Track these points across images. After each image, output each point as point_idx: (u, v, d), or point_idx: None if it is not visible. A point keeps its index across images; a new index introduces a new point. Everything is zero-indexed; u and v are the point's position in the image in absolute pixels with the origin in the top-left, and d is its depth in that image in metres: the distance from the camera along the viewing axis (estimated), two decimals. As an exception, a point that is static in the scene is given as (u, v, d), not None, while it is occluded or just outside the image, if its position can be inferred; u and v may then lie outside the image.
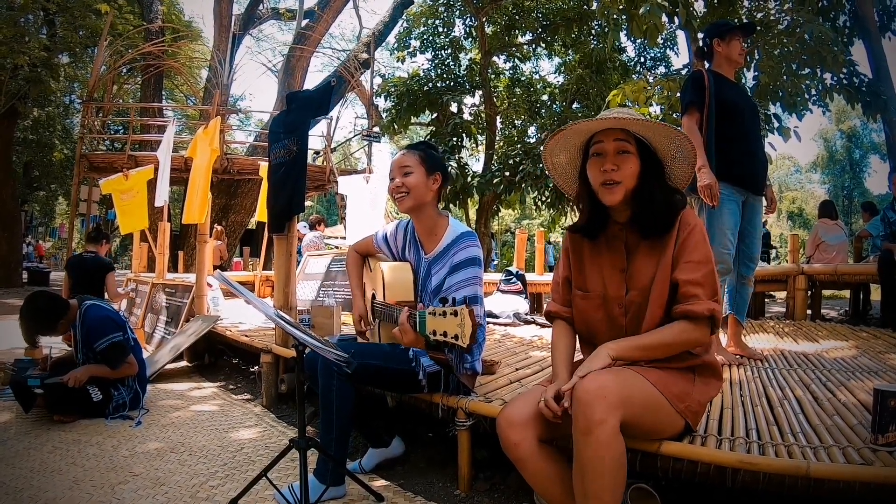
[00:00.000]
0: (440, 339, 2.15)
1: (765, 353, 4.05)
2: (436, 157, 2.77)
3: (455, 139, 15.31)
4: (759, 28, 8.70)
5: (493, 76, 16.87)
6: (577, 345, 2.22)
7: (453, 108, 16.35)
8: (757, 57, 8.76)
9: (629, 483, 1.97)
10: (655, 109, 9.49)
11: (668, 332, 1.94)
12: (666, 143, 2.01)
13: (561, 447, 1.95)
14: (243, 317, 6.10)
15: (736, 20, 8.91)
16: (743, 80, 9.69)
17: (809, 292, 6.44)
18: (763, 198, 3.99)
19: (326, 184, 15.91)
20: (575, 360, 2.18)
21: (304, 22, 19.84)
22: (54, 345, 4.28)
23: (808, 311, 6.42)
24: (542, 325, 5.79)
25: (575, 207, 2.21)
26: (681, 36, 14.56)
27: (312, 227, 11.27)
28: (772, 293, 9.27)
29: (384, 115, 16.86)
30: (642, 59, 17.44)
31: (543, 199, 14.65)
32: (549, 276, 8.07)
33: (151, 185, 8.33)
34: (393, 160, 2.78)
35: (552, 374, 2.13)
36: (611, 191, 1.98)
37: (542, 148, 2.15)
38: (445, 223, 2.77)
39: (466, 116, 16.46)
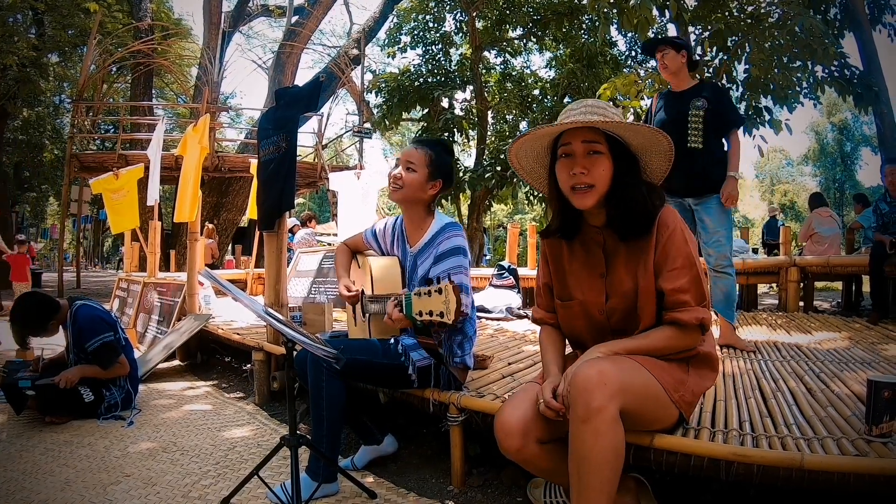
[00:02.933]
0: (427, 320, 2.14)
1: (758, 344, 4.06)
2: (444, 162, 2.74)
3: (446, 134, 15.30)
4: (750, 21, 8.72)
5: (484, 71, 16.88)
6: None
7: (444, 103, 16.36)
8: (748, 50, 8.77)
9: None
10: (646, 103, 9.49)
11: (657, 336, 1.91)
12: (638, 138, 1.92)
13: (562, 441, 1.92)
14: (235, 315, 6.07)
15: (727, 13, 8.94)
16: (734, 73, 9.72)
17: (802, 284, 6.45)
18: (713, 196, 3.98)
19: (318, 180, 15.88)
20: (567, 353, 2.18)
21: (294, 18, 19.76)
22: (45, 346, 4.25)
23: (801, 303, 6.43)
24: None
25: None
26: (671, 29, 14.56)
27: (304, 223, 11.25)
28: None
29: (375, 111, 16.85)
30: (633, 53, 17.45)
31: (535, 193, 14.65)
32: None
33: (142, 183, 8.30)
34: (404, 150, 2.77)
35: (543, 371, 2.11)
36: (582, 195, 1.89)
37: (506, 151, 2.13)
38: (432, 218, 2.77)
39: (458, 111, 16.46)
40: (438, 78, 16.24)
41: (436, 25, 16.80)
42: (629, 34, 15.59)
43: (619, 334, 1.99)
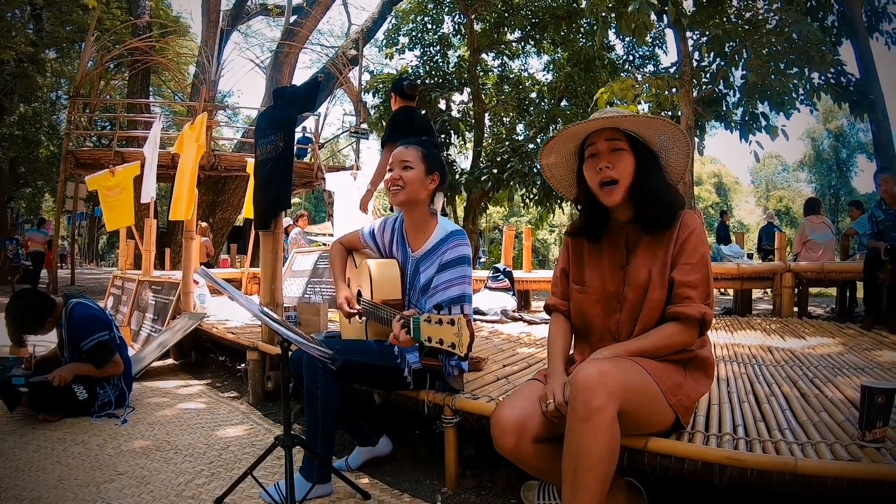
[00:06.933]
0: (436, 346, 2.12)
1: (752, 349, 4.07)
2: (437, 156, 2.74)
3: (443, 136, 15.30)
4: (747, 27, 8.75)
5: (481, 73, 16.88)
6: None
7: (442, 105, 16.34)
8: (745, 56, 8.80)
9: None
10: (643, 107, 9.52)
11: (657, 336, 1.96)
12: (656, 134, 2.04)
13: (557, 440, 1.93)
14: (230, 314, 6.06)
15: (725, 19, 8.96)
16: (732, 79, 9.75)
17: (796, 290, 6.47)
18: None
19: (314, 180, 15.87)
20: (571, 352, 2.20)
21: (293, 18, 19.77)
22: (39, 343, 4.23)
23: (795, 309, 6.44)
24: (530, 322, 5.79)
25: (574, 208, 2.23)
26: (669, 34, 14.59)
27: (293, 222, 11.26)
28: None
29: (372, 112, 16.84)
30: (631, 57, 17.48)
31: (531, 196, 14.67)
32: (536, 274, 8.08)
33: (138, 181, 8.27)
34: (394, 152, 2.74)
35: (548, 369, 2.13)
36: (609, 192, 2.01)
37: (537, 155, 2.18)
38: (435, 222, 2.74)
39: (455, 114, 16.48)
40: (436, 79, 16.23)
41: (434, 27, 16.80)
42: (627, 39, 15.62)
43: (627, 325, 2.06)
